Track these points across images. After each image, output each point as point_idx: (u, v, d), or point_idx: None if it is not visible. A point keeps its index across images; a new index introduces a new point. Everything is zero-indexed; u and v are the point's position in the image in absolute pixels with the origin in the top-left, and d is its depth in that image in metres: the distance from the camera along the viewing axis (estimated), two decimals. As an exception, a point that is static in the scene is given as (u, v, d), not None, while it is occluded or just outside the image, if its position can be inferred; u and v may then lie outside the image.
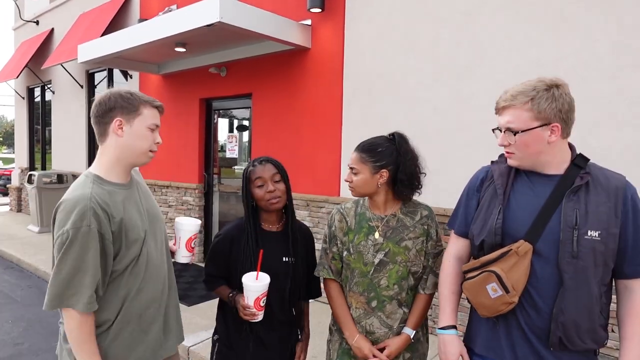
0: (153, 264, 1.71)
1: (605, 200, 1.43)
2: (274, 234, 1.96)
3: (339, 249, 1.90)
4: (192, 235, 1.84)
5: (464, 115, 3.88)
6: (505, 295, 1.43)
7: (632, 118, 3.11)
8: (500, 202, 1.51)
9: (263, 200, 1.89)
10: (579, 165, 1.47)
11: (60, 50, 8.48)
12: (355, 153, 1.85)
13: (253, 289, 1.75)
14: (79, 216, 1.50)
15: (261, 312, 1.79)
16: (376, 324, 1.81)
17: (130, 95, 1.67)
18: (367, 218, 1.87)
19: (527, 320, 1.47)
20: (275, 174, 1.92)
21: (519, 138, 1.46)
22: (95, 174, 1.65)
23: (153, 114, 1.71)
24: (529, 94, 1.44)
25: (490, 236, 1.50)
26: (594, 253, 1.40)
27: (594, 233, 1.39)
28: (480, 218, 1.57)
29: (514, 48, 3.63)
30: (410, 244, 1.81)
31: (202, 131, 6.69)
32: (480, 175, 1.69)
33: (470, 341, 1.68)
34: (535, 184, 1.51)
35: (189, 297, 5.00)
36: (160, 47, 5.65)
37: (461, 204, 1.73)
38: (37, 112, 11.24)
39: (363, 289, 1.82)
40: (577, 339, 1.42)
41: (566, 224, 1.41)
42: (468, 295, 1.56)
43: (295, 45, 4.99)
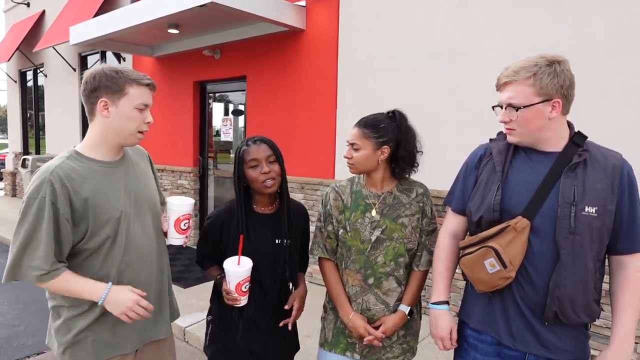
0: (136, 246, 1.68)
1: (602, 177, 1.44)
2: (266, 216, 1.91)
3: (334, 227, 1.89)
4: (181, 215, 1.74)
5: (458, 96, 3.87)
6: (503, 270, 1.45)
7: (626, 99, 3.11)
8: (499, 179, 1.52)
9: (257, 182, 1.81)
10: (577, 143, 1.49)
11: (52, 33, 8.36)
12: (357, 129, 1.81)
13: (234, 274, 1.72)
14: (36, 187, 1.51)
15: (244, 297, 1.77)
16: (372, 300, 1.82)
17: (116, 73, 1.59)
18: (364, 196, 1.86)
19: (523, 295, 1.49)
20: (270, 154, 1.84)
21: (521, 114, 1.46)
22: (76, 150, 1.66)
23: (141, 93, 1.63)
24: (531, 70, 1.44)
25: (488, 212, 1.52)
26: (590, 229, 1.42)
27: (591, 209, 1.41)
28: (479, 195, 1.58)
29: (509, 28, 3.61)
30: (406, 221, 1.82)
31: (196, 114, 6.65)
32: (479, 152, 1.69)
33: (465, 316, 1.70)
34: (534, 161, 1.52)
35: (185, 279, 5.03)
36: (153, 29, 5.58)
37: (459, 180, 1.74)
38: (30, 97, 11.12)
39: (360, 266, 1.82)
40: (572, 313, 1.44)
41: (564, 200, 1.42)
42: (465, 270, 1.58)
43: (289, 26, 4.94)
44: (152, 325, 1.78)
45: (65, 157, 1.62)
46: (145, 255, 1.72)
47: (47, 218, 1.49)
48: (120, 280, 1.64)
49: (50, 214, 1.50)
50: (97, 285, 1.56)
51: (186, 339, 3.83)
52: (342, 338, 1.89)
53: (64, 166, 1.57)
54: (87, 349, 1.64)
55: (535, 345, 1.49)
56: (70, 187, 1.54)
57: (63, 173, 1.54)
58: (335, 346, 1.90)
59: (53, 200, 1.50)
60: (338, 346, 1.89)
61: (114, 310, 1.56)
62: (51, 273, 1.51)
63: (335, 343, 1.90)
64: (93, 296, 1.56)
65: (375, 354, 1.86)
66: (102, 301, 1.55)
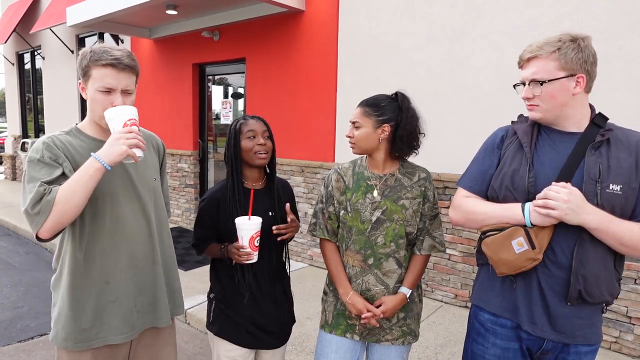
0: (123, 229, 1.66)
1: (626, 155, 1.45)
2: (257, 191, 1.97)
3: (335, 208, 1.91)
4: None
5: (459, 78, 3.83)
6: (531, 251, 1.42)
7: (628, 79, 3.08)
8: (529, 160, 1.50)
9: (250, 152, 1.90)
10: (598, 124, 1.49)
11: (48, 14, 8.26)
12: (359, 108, 1.86)
13: (247, 228, 1.77)
14: (34, 150, 1.53)
15: (256, 253, 1.82)
16: (372, 280, 1.83)
17: (85, 55, 1.55)
18: (365, 177, 1.88)
19: (548, 277, 1.47)
20: (266, 130, 1.95)
21: (545, 88, 1.45)
22: (77, 126, 1.67)
23: (102, 74, 1.53)
24: (555, 45, 1.44)
25: (521, 194, 1.50)
26: (614, 206, 1.41)
27: (616, 187, 1.41)
28: (504, 174, 1.56)
29: (510, 8, 3.55)
30: (407, 204, 1.82)
31: (195, 97, 6.61)
32: (500, 133, 1.67)
33: (480, 302, 1.67)
34: (556, 141, 1.52)
35: (185, 262, 5.06)
36: (151, 10, 5.51)
37: (477, 161, 1.69)
38: (28, 80, 11.04)
39: (360, 246, 1.84)
40: (596, 291, 1.44)
41: (589, 177, 1.42)
42: (488, 251, 1.52)
43: (288, 7, 4.87)
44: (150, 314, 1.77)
45: (65, 132, 1.63)
46: (137, 239, 1.70)
47: (46, 171, 1.50)
48: (105, 261, 1.63)
49: (50, 168, 1.50)
50: (86, 163, 1.48)
51: (187, 320, 3.87)
52: (342, 320, 1.91)
53: (61, 137, 1.59)
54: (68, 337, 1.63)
55: (552, 331, 1.49)
56: (66, 154, 1.55)
57: (60, 141, 1.57)
58: (335, 328, 1.92)
59: (54, 158, 1.52)
60: (338, 328, 1.91)
61: (114, 152, 1.45)
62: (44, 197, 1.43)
63: (336, 325, 1.92)
64: (91, 167, 1.45)
65: (374, 336, 1.88)
66: (100, 160, 1.45)
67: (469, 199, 1.64)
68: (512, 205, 1.49)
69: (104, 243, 1.63)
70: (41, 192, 1.43)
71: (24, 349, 3.39)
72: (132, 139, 1.48)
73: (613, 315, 3.22)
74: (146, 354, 1.82)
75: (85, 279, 1.62)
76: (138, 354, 1.80)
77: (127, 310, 1.69)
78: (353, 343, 1.91)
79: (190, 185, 6.76)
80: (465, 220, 1.65)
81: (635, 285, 3.12)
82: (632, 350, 3.17)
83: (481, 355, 1.64)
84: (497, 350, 1.59)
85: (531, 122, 1.58)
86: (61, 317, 1.63)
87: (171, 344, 1.93)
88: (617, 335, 3.21)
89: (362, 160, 1.94)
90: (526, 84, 1.50)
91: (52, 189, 1.45)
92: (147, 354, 1.82)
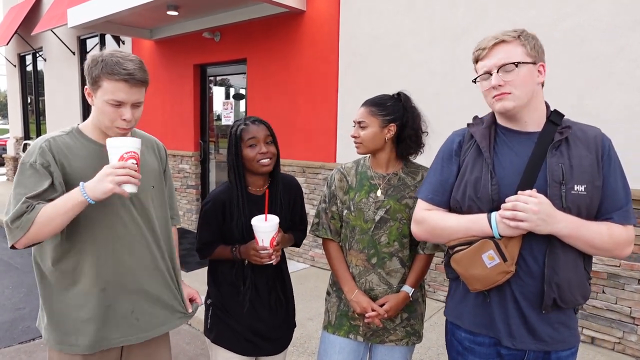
0: (120, 236, 1.63)
1: (586, 153, 1.40)
2: (257, 198, 1.90)
3: (338, 208, 1.91)
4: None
5: (460, 78, 3.83)
6: (503, 263, 1.36)
7: (630, 78, 3.07)
8: (490, 166, 1.44)
9: (254, 162, 1.82)
10: (555, 122, 1.44)
11: (50, 15, 8.27)
12: (364, 107, 1.84)
13: (268, 229, 1.75)
14: (29, 153, 1.52)
15: (278, 253, 1.83)
16: (375, 280, 1.83)
17: (96, 63, 1.50)
18: (369, 176, 1.87)
19: (521, 288, 1.42)
20: (268, 135, 1.87)
21: (519, 71, 1.38)
22: (78, 127, 1.65)
23: (115, 88, 1.50)
24: (515, 32, 1.42)
25: (484, 203, 1.43)
26: (579, 208, 1.37)
27: (580, 187, 1.36)
28: (466, 182, 1.48)
29: (513, 8, 3.54)
30: (410, 203, 1.81)
31: (197, 98, 6.61)
32: (457, 138, 1.59)
33: (455, 318, 1.59)
34: (514, 142, 1.46)
35: (187, 263, 5.06)
36: (152, 11, 5.51)
37: (435, 170, 1.60)
38: (30, 82, 11.06)
39: (363, 246, 1.83)
40: (570, 296, 1.41)
41: (553, 180, 1.37)
42: (459, 268, 1.45)
43: (289, 7, 4.86)
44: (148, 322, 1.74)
45: (65, 133, 1.61)
46: (132, 246, 1.67)
47: (36, 179, 1.48)
48: (100, 268, 1.61)
49: (41, 176, 1.49)
50: (70, 192, 1.46)
51: (189, 322, 3.86)
52: (345, 320, 1.90)
53: (58, 139, 1.57)
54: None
55: (532, 341, 1.44)
56: (58, 159, 1.53)
57: (55, 145, 1.54)
58: (338, 328, 1.90)
59: (46, 165, 1.50)
60: (341, 328, 1.90)
61: (100, 189, 1.42)
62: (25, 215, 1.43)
63: (339, 325, 1.91)
64: (74, 199, 1.44)
65: (378, 337, 1.86)
66: (85, 194, 1.43)
67: (432, 212, 1.56)
68: (478, 217, 1.42)
69: (100, 251, 1.61)
70: (23, 209, 1.44)
71: (25, 350, 3.38)
72: (123, 175, 1.43)
73: (616, 316, 3.20)
74: (140, 356, 1.79)
75: (81, 285, 1.60)
76: (132, 356, 1.78)
77: (121, 316, 1.66)
78: (356, 344, 1.90)
79: (191, 186, 6.76)
80: (430, 235, 1.58)
81: (639, 285, 3.10)
82: (635, 351, 3.15)
83: None
84: None
85: (488, 124, 1.51)
86: (51, 322, 1.62)
87: (165, 345, 1.90)
88: (621, 336, 3.20)
89: (365, 160, 1.94)
90: (494, 72, 1.40)
91: (35, 208, 1.44)
92: (140, 356, 1.80)
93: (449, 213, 1.54)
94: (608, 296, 3.23)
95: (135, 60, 1.56)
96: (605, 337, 3.25)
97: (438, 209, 1.56)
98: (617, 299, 3.19)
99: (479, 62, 1.47)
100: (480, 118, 1.57)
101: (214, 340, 1.93)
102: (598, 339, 3.30)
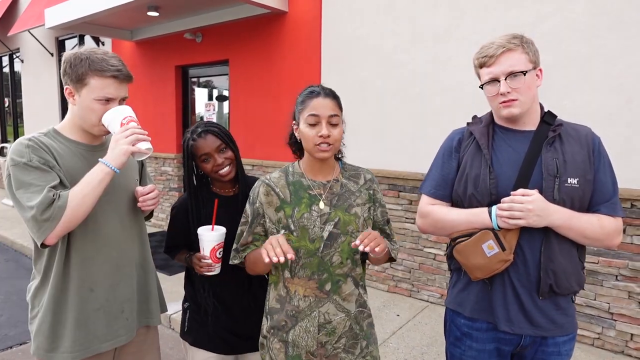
0: (108, 234, 1.62)
1: (579, 149, 1.51)
2: (227, 198, 1.89)
3: (265, 228, 1.60)
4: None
5: (443, 78, 3.85)
6: (502, 252, 1.45)
7: (606, 79, 3.13)
8: (488, 162, 1.53)
9: (212, 174, 1.81)
10: (548, 122, 1.54)
11: (27, 16, 8.09)
12: (329, 99, 1.52)
13: (209, 239, 1.71)
14: (17, 153, 1.45)
15: (218, 265, 1.75)
16: (332, 310, 1.54)
17: (80, 61, 1.49)
18: (305, 186, 1.58)
19: (519, 275, 1.51)
20: (220, 144, 1.80)
21: (527, 79, 1.47)
22: (55, 128, 1.61)
23: (103, 85, 1.50)
24: (517, 39, 1.49)
25: (484, 196, 1.52)
26: (573, 200, 1.47)
27: (574, 180, 1.46)
28: (466, 178, 1.57)
29: (492, 9, 3.59)
30: (359, 211, 1.58)
31: (179, 99, 6.54)
32: (456, 136, 1.68)
33: (457, 306, 1.67)
34: (512, 140, 1.56)
35: (170, 266, 4.99)
36: (132, 11, 5.44)
37: (437, 166, 1.69)
38: (6, 83, 10.81)
39: (312, 271, 1.53)
40: (566, 283, 1.49)
41: (548, 173, 1.47)
42: (460, 258, 1.54)
43: (271, 8, 4.84)
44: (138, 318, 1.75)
45: (43, 134, 1.57)
46: (120, 244, 1.66)
47: (36, 174, 1.43)
48: (89, 268, 1.58)
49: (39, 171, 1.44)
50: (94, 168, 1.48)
51: (172, 326, 3.82)
52: None
53: (41, 138, 1.52)
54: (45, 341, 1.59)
55: (530, 327, 1.52)
56: (49, 154, 1.49)
57: (41, 142, 1.50)
58: None
59: (42, 161, 1.45)
60: None
61: (117, 153, 1.47)
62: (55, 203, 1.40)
63: None
64: (100, 172, 1.46)
65: None
66: (108, 164, 1.46)
67: (436, 206, 1.65)
68: (479, 210, 1.52)
69: (87, 249, 1.58)
70: (50, 197, 1.40)
71: (3, 358, 3.30)
72: (131, 135, 1.49)
73: (595, 312, 3.26)
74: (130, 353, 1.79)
75: (69, 287, 1.57)
76: (123, 354, 1.77)
77: (112, 317, 1.65)
78: None
79: (174, 188, 6.68)
80: (434, 228, 1.67)
81: (617, 281, 3.16)
82: (614, 346, 3.21)
83: (459, 357, 1.67)
84: (473, 352, 1.62)
85: (486, 123, 1.61)
86: (43, 328, 1.58)
87: (155, 349, 1.90)
88: (600, 332, 3.25)
89: (295, 166, 1.65)
90: (502, 80, 1.48)
91: (62, 195, 1.42)
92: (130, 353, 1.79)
93: (451, 207, 1.64)
94: (587, 292, 3.29)
95: (116, 56, 1.58)
96: (584, 333, 3.31)
97: (442, 203, 1.66)
98: (596, 295, 3.25)
99: (484, 68, 1.53)
100: (479, 117, 1.66)
101: (192, 343, 1.91)
102: (578, 334, 3.34)
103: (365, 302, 1.65)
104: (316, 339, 1.54)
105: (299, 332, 1.55)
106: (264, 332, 1.66)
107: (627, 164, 3.02)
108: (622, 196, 2.99)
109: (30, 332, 1.64)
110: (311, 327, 1.54)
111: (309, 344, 1.55)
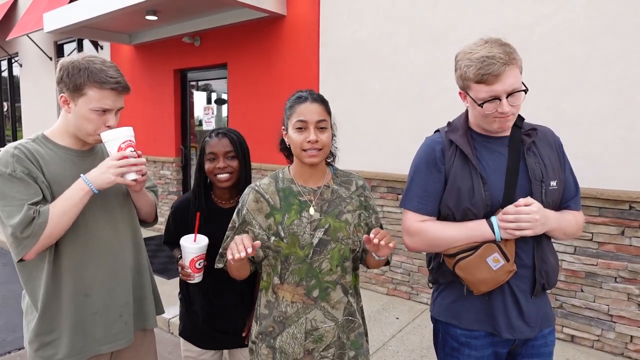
0: (100, 239, 1.61)
1: (550, 151, 1.54)
2: (224, 210, 1.91)
3: (256, 235, 1.56)
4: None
5: (441, 81, 3.86)
6: (507, 263, 1.43)
7: (603, 81, 3.14)
8: (479, 172, 1.47)
9: (211, 175, 1.85)
10: (518, 125, 1.54)
11: (25, 20, 8.10)
12: (317, 104, 1.51)
13: (188, 250, 1.77)
14: (2, 163, 1.44)
15: (198, 275, 1.82)
16: (319, 317, 1.53)
17: (79, 71, 1.48)
18: (295, 193, 1.56)
19: (517, 281, 1.50)
20: (230, 150, 1.83)
21: (522, 94, 1.42)
22: (44, 134, 1.61)
23: (101, 96, 1.50)
24: (506, 53, 1.39)
25: (480, 208, 1.47)
26: (554, 201, 1.52)
27: (554, 183, 1.50)
28: (458, 190, 1.49)
29: (490, 11, 3.60)
30: (350, 218, 1.56)
31: (177, 103, 6.55)
32: (437, 146, 1.57)
33: (452, 318, 1.60)
34: (490, 146, 1.53)
35: (169, 270, 4.98)
36: (131, 15, 5.45)
37: (419, 180, 1.57)
38: (5, 87, 10.81)
39: (300, 277, 1.52)
40: (553, 279, 1.55)
41: (535, 178, 1.48)
42: (464, 274, 1.47)
43: (269, 12, 4.86)
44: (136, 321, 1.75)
45: (31, 140, 1.56)
46: (114, 248, 1.65)
47: (21, 188, 1.43)
48: (82, 274, 1.58)
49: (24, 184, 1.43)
50: (75, 185, 1.49)
51: (170, 330, 3.80)
52: None
53: (29, 146, 1.52)
54: None
55: (528, 329, 1.52)
56: (35, 163, 1.48)
57: (27, 150, 1.49)
58: None
59: (26, 172, 1.44)
60: None
61: (103, 179, 1.48)
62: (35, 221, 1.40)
63: None
64: (80, 190, 1.47)
65: None
66: (89, 184, 1.47)
67: (427, 223, 1.55)
68: (475, 224, 1.47)
69: (78, 256, 1.57)
70: (31, 215, 1.41)
71: (1, 363, 3.29)
72: (123, 166, 1.49)
73: (595, 314, 3.26)
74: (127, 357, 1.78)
75: (62, 294, 1.56)
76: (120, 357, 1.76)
77: (110, 321, 1.64)
78: None
79: (173, 192, 6.68)
80: (427, 247, 1.57)
81: (616, 283, 3.16)
82: (614, 348, 3.20)
83: None
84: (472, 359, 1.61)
85: (464, 131, 1.54)
86: (38, 335, 1.57)
87: (152, 353, 1.90)
88: (599, 334, 3.25)
89: (284, 172, 1.62)
90: (504, 98, 1.39)
91: (41, 211, 1.42)
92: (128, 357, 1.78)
93: (446, 222, 1.54)
94: (586, 295, 3.29)
95: (114, 66, 1.58)
96: (584, 335, 3.31)
97: (430, 219, 1.56)
98: (595, 297, 3.25)
99: (483, 84, 1.40)
100: (454, 124, 1.60)
101: (180, 332, 2.04)
102: (577, 337, 3.35)
103: (355, 312, 1.61)
104: (303, 346, 1.53)
105: (286, 339, 1.55)
106: (252, 338, 1.65)
107: (624, 166, 3.02)
108: (620, 198, 3.00)
109: (25, 339, 1.63)
110: (298, 334, 1.53)
111: (296, 350, 1.54)
